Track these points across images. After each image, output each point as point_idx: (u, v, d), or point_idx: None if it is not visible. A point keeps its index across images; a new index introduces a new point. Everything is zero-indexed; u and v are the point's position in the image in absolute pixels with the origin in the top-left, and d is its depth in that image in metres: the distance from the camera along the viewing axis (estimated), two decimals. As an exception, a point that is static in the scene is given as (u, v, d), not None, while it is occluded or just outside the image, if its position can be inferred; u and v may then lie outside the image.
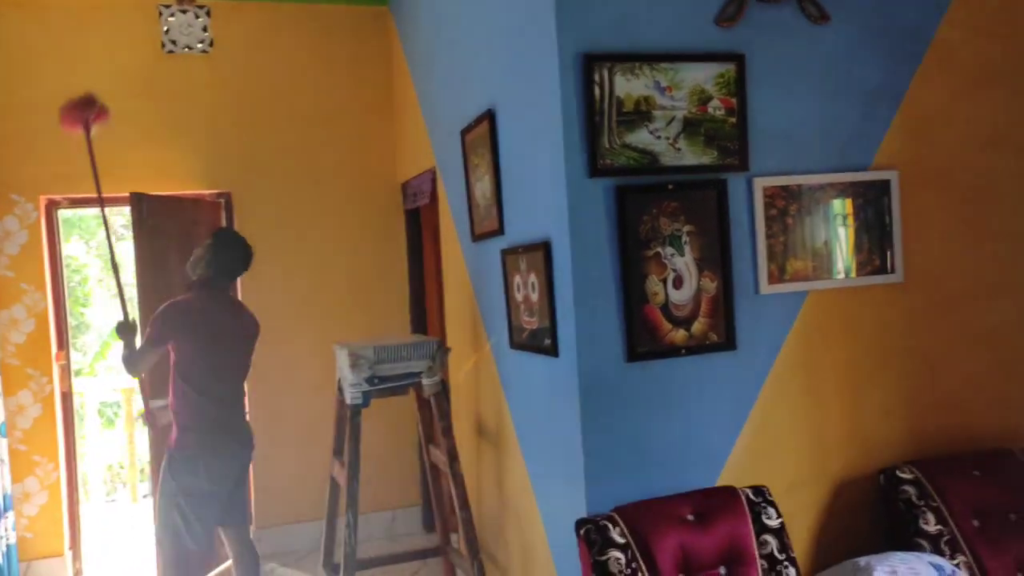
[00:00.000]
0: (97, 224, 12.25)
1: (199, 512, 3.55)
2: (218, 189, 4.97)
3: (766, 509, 2.52)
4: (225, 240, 3.69)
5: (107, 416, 9.17)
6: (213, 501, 3.58)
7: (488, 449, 3.72)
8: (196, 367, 3.53)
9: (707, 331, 2.73)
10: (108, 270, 4.91)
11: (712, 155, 2.73)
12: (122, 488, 7.79)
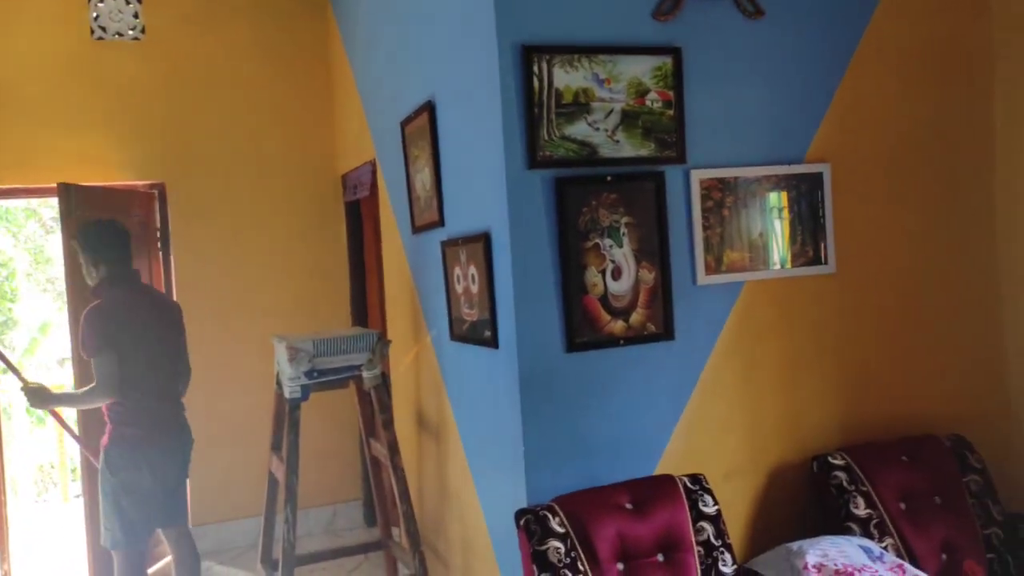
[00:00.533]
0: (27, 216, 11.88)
1: (143, 511, 3.43)
2: (151, 180, 4.85)
3: (703, 497, 2.56)
4: (92, 233, 3.48)
5: (37, 415, 8.90)
6: (155, 498, 3.45)
7: (429, 441, 3.70)
8: (129, 365, 3.37)
9: (645, 322, 2.76)
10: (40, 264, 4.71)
11: (650, 147, 2.75)
12: (53, 488, 7.58)
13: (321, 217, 5.13)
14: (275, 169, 5.05)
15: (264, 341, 4.01)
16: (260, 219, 5.01)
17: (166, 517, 3.56)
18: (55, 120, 4.61)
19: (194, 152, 4.88)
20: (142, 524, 3.44)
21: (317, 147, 5.13)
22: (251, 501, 4.62)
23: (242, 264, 4.97)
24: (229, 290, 4.92)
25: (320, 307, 5.07)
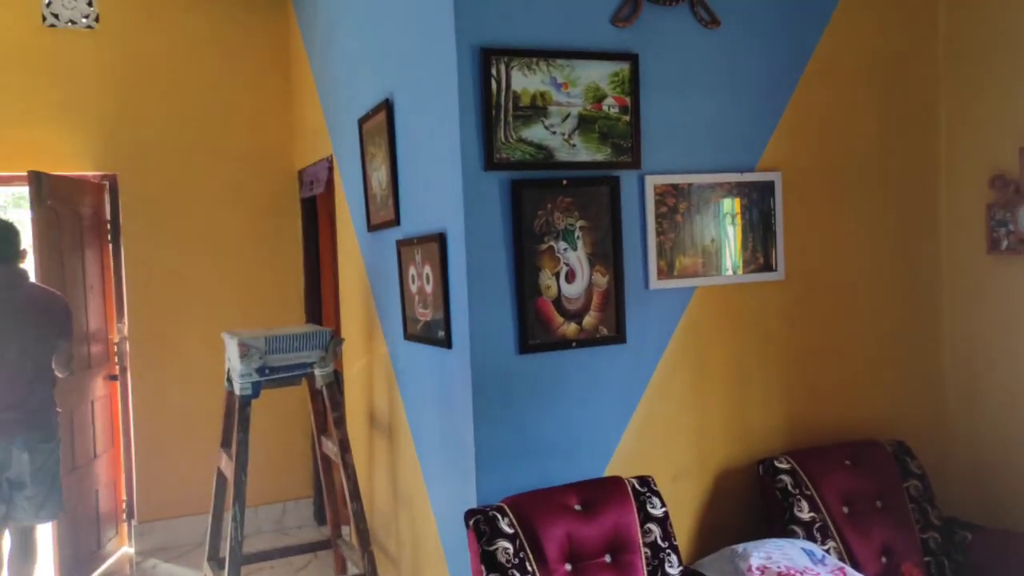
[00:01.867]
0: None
1: None
2: (104, 171, 4.76)
3: (651, 499, 2.59)
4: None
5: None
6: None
7: (381, 440, 3.69)
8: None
9: (598, 324, 2.79)
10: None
11: (606, 152, 2.78)
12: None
13: (276, 213, 5.09)
14: (230, 163, 4.99)
15: (215, 336, 3.96)
16: (213, 213, 4.95)
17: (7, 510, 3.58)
18: (4, 108, 4.50)
19: (147, 144, 4.80)
20: None
21: (273, 142, 5.08)
22: (199, 499, 4.55)
23: (194, 258, 4.90)
24: (180, 283, 4.85)
25: (273, 303, 5.02)
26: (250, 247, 5.03)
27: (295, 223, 5.11)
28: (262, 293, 5.02)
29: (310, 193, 4.79)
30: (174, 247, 4.83)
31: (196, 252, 4.90)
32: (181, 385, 4.81)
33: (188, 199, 4.88)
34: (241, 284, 4.99)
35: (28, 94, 4.59)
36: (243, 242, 5.01)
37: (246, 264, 5.01)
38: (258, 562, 4.09)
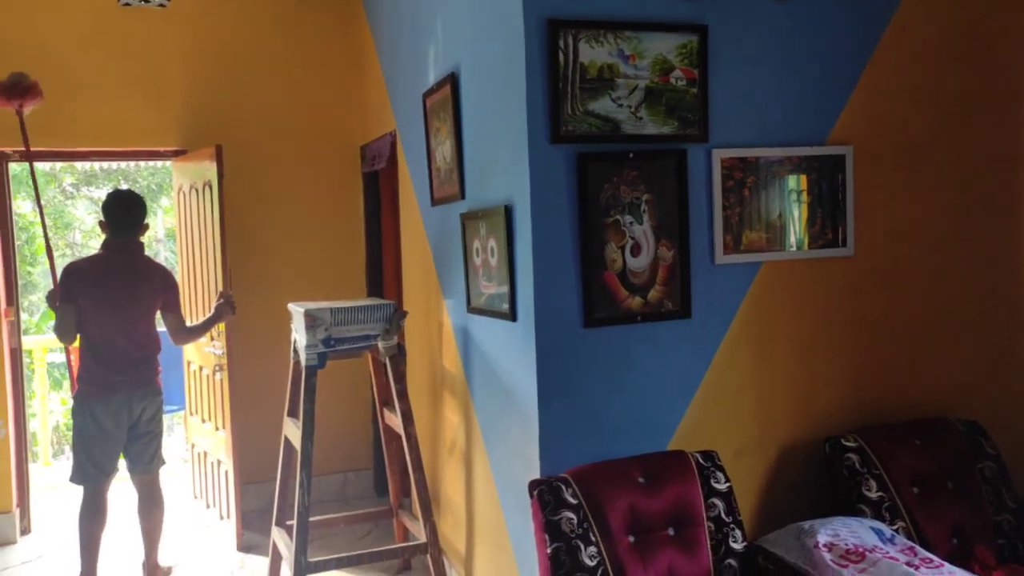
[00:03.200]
0: (48, 182, 11.95)
1: (93, 454, 3.78)
2: (173, 147, 4.88)
3: (715, 473, 2.58)
4: (109, 199, 3.91)
5: (55, 377, 9.02)
6: (106, 446, 3.79)
7: (443, 412, 3.74)
8: (89, 321, 3.77)
9: (663, 299, 2.78)
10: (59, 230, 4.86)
11: (673, 125, 2.75)
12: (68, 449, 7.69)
13: (339, 188, 5.15)
14: (294, 140, 5.06)
15: (280, 308, 4.05)
16: (278, 188, 5.03)
17: (113, 465, 3.87)
18: (85, 86, 4.63)
19: (214, 121, 4.88)
20: (92, 466, 3.80)
21: (337, 117, 5.14)
22: (263, 466, 4.66)
23: (259, 232, 4.99)
24: (246, 256, 4.93)
25: (335, 278, 5.10)
26: (313, 222, 5.10)
27: (357, 198, 5.17)
28: (325, 267, 5.10)
29: (372, 168, 4.85)
30: (238, 221, 4.90)
31: (261, 227, 4.99)
32: (246, 356, 4.89)
33: (254, 175, 4.96)
34: (305, 258, 5.08)
35: (107, 72, 4.71)
36: (306, 217, 5.09)
37: (309, 238, 5.09)
38: (322, 529, 4.19)
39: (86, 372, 3.79)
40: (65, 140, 4.64)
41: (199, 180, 4.63)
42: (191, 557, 4.35)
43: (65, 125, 4.60)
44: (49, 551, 4.52)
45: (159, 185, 13.68)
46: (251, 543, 4.47)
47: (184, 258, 5.02)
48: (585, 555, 2.35)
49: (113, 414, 3.79)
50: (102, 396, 3.77)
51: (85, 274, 3.80)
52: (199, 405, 4.97)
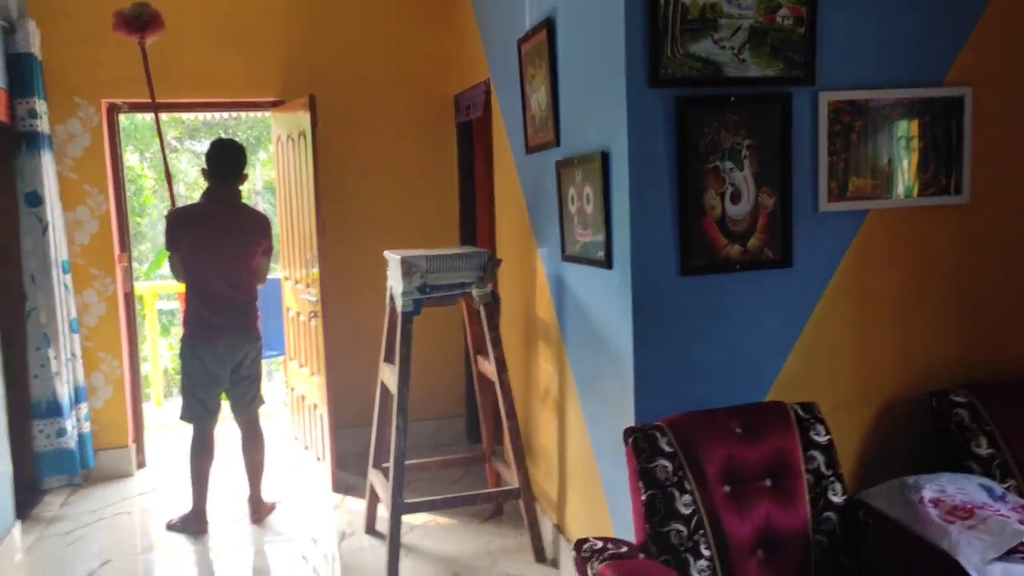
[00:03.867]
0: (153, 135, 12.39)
1: (200, 394, 4.00)
2: (271, 97, 4.97)
3: (815, 425, 2.52)
4: (212, 148, 4.04)
5: (163, 323, 9.46)
6: (212, 387, 4.01)
7: (535, 359, 3.77)
8: (193, 267, 3.93)
9: (762, 247, 2.71)
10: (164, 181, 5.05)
11: (777, 67, 2.65)
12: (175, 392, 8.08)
13: (433, 138, 5.18)
14: (387, 89, 5.09)
15: (375, 255, 4.13)
16: (371, 138, 5.09)
17: (218, 405, 4.09)
18: (185, 39, 4.75)
19: (310, 71, 4.94)
20: (200, 406, 4.02)
21: (431, 67, 5.14)
22: (358, 410, 4.80)
23: (356, 181, 5.06)
24: (342, 204, 5.01)
25: (429, 226, 5.15)
26: (407, 171, 5.15)
27: (451, 147, 5.19)
28: (418, 216, 5.15)
29: (466, 118, 4.85)
30: (336, 170, 4.98)
31: (355, 176, 5.06)
32: (341, 303, 5.00)
33: (349, 125, 5.03)
34: (398, 207, 5.13)
35: (210, 25, 4.82)
36: (401, 167, 5.14)
37: (403, 188, 5.15)
38: (416, 472, 4.30)
39: (194, 317, 3.97)
40: (172, 91, 4.79)
41: (295, 130, 4.72)
42: (292, 495, 4.54)
43: (171, 77, 4.73)
44: (162, 484, 4.79)
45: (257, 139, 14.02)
46: (346, 484, 4.62)
47: (282, 206, 5.16)
48: (680, 503, 2.34)
49: (219, 357, 3.97)
50: (209, 340, 3.95)
51: (188, 222, 3.97)
52: (296, 350, 5.13)
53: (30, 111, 4.22)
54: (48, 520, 4.26)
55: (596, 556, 2.26)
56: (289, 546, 3.97)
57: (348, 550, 3.84)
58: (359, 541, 3.93)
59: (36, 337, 4.25)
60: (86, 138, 4.66)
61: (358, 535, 3.99)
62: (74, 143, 4.66)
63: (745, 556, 2.36)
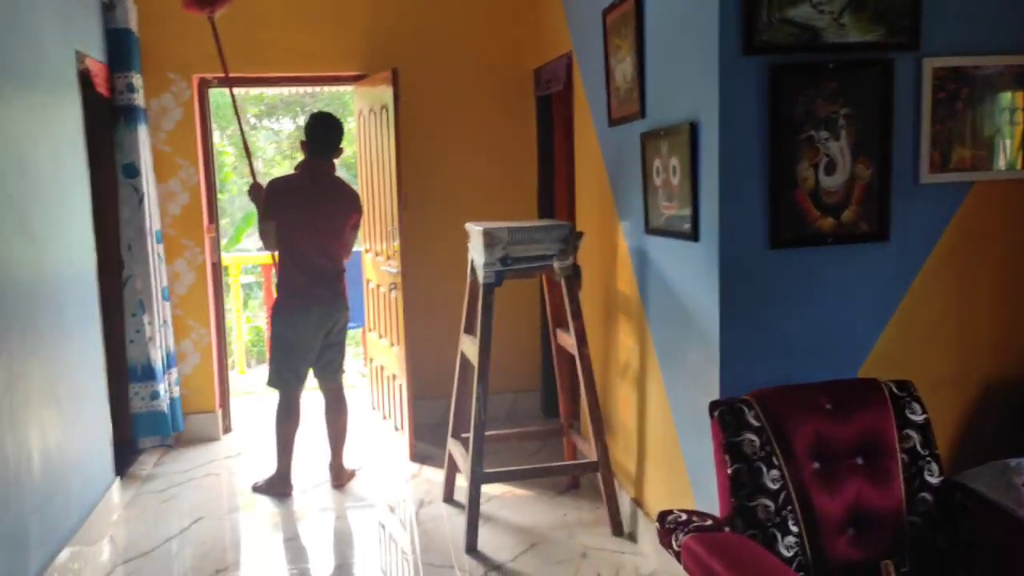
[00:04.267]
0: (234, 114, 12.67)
1: (291, 361, 4.11)
2: (353, 71, 5.03)
3: (910, 404, 2.44)
4: (311, 120, 4.14)
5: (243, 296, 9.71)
6: (303, 354, 4.12)
7: (615, 334, 3.74)
8: (290, 236, 4.03)
9: (857, 220, 2.63)
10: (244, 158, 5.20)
11: (879, 32, 2.56)
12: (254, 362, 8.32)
13: (513, 111, 5.16)
14: (468, 62, 5.09)
15: (455, 228, 4.15)
16: (452, 112, 5.10)
17: (306, 372, 4.20)
18: (269, 14, 4.84)
19: (392, 45, 4.97)
20: (289, 372, 4.13)
21: (510, 41, 5.12)
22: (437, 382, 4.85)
23: (436, 154, 5.09)
24: (423, 177, 5.05)
25: (507, 200, 5.14)
26: (487, 145, 5.15)
27: (530, 121, 5.17)
28: (497, 190, 5.16)
29: (547, 91, 4.82)
30: (417, 144, 5.01)
31: (435, 149, 5.09)
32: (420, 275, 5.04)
33: (430, 98, 5.05)
34: (476, 180, 5.14)
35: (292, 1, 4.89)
36: (480, 140, 5.15)
37: (482, 161, 5.15)
38: (493, 444, 4.33)
39: (289, 285, 4.08)
40: (257, 66, 4.89)
41: (377, 104, 4.77)
42: (371, 464, 4.63)
43: (256, 52, 4.84)
44: (247, 448, 4.94)
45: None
46: (423, 454, 4.69)
47: (363, 179, 5.22)
48: (767, 478, 2.30)
49: (313, 325, 4.09)
50: (304, 307, 4.07)
51: (289, 190, 4.10)
52: (376, 321, 5.21)
53: (128, 85, 4.36)
54: (143, 478, 4.45)
55: (681, 528, 2.24)
56: (368, 512, 4.06)
57: (426, 518, 3.91)
58: (437, 509, 3.99)
59: (132, 304, 4.41)
60: (178, 112, 4.80)
61: (436, 503, 4.05)
62: (167, 117, 4.80)
63: (835, 534, 2.31)
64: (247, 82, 5.11)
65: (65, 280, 3.42)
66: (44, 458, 3.06)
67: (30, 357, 2.99)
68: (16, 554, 2.79)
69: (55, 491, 3.16)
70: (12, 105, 2.99)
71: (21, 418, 2.88)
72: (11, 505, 2.77)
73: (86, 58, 3.91)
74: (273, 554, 3.67)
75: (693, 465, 2.93)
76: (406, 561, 3.54)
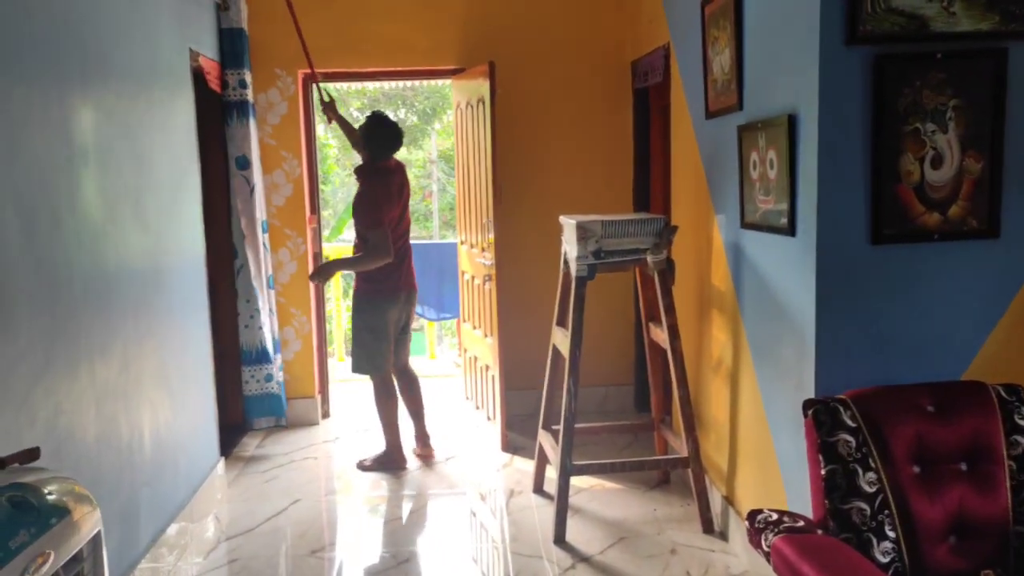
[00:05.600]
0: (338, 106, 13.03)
1: (384, 346, 4.33)
2: (450, 65, 5.10)
3: (1020, 409, 2.34)
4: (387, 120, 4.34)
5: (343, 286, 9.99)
6: (393, 336, 4.37)
7: (708, 329, 3.70)
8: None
9: (965, 216, 2.52)
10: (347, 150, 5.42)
11: (993, 20, 2.44)
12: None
13: (608, 104, 5.14)
14: (565, 55, 5.10)
15: (550, 221, 4.17)
16: (548, 105, 5.12)
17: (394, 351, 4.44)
18: (370, 9, 4.97)
19: (489, 38, 5.02)
20: (382, 357, 4.34)
21: (609, 33, 5.10)
22: (528, 374, 4.90)
23: (531, 146, 5.12)
24: (517, 169, 5.08)
25: (602, 192, 5.13)
26: (583, 138, 5.15)
27: (626, 114, 5.14)
28: (592, 182, 5.15)
29: (644, 83, 4.78)
30: (513, 137, 5.05)
31: (531, 142, 5.12)
32: (514, 266, 5.08)
33: (526, 91, 5.08)
34: (572, 173, 5.15)
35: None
36: (576, 133, 5.15)
37: (579, 154, 5.16)
38: (584, 436, 4.35)
39: (380, 274, 4.24)
40: (358, 61, 5.03)
41: (474, 97, 4.83)
42: (463, 451, 4.72)
43: (358, 47, 4.98)
44: (345, 433, 5.11)
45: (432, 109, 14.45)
46: (514, 444, 4.75)
47: (460, 172, 5.30)
48: (863, 480, 2.25)
49: (399, 309, 4.35)
50: (393, 296, 4.29)
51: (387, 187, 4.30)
52: (471, 312, 5.29)
53: (240, 81, 4.56)
54: (247, 459, 4.65)
55: (771, 528, 2.21)
56: (459, 500, 4.14)
57: (516, 507, 3.95)
58: (527, 500, 4.03)
59: (246, 290, 4.63)
60: (283, 106, 4.98)
61: (526, 494, 4.10)
62: (273, 111, 4.99)
63: (935, 541, 2.23)
64: (347, 76, 5.25)
65: (176, 268, 3.60)
66: (154, 437, 3.24)
67: (143, 341, 3.17)
68: (128, 526, 2.97)
69: (164, 469, 3.35)
70: (130, 100, 3.17)
71: (134, 399, 3.05)
72: (124, 479, 2.94)
73: (200, 56, 4.10)
74: (367, 536, 3.78)
75: (786, 464, 2.88)
76: (495, 550, 3.60)
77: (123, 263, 3.02)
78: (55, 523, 1.55)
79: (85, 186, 2.73)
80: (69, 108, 2.63)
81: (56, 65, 2.55)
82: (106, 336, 2.83)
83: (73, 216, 2.63)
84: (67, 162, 2.60)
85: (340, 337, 7.33)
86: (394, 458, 4.47)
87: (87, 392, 2.66)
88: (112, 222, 2.93)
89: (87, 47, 2.78)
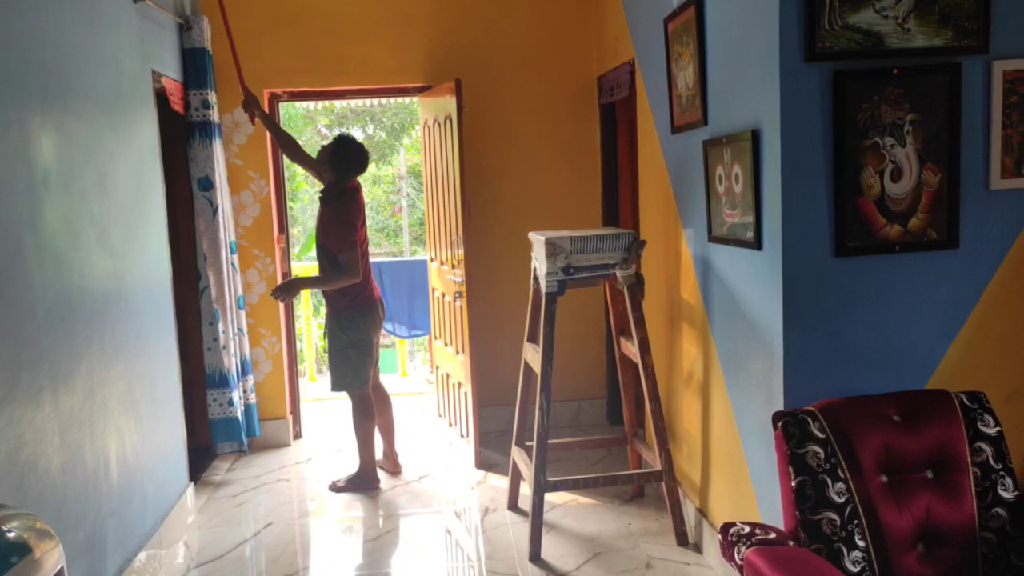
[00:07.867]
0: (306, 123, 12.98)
1: (367, 363, 4.34)
2: (417, 83, 5.11)
3: (982, 416, 2.38)
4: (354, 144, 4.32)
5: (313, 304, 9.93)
6: (373, 353, 4.40)
7: (679, 342, 3.72)
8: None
9: (925, 227, 2.57)
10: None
11: (946, 36, 2.50)
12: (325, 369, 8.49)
13: (575, 119, 5.18)
14: (531, 72, 5.12)
15: (517, 237, 4.18)
16: (515, 121, 5.14)
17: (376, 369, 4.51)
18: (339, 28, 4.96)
19: (455, 56, 5.04)
20: (365, 374, 4.34)
21: (574, 49, 5.14)
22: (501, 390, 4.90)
23: (497, 162, 5.14)
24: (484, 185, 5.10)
25: (571, 208, 5.15)
26: (551, 153, 5.17)
27: (593, 128, 5.18)
28: (561, 198, 5.17)
29: (611, 99, 4.82)
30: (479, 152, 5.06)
31: (499, 158, 5.13)
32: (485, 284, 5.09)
33: (494, 109, 5.10)
34: (540, 189, 5.16)
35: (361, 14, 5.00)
36: (544, 149, 5.17)
37: (546, 170, 5.17)
38: (557, 452, 4.35)
39: (353, 288, 4.26)
40: (326, 79, 5.01)
41: (441, 114, 4.84)
42: (437, 469, 4.69)
43: (324, 66, 4.97)
44: (318, 453, 5.06)
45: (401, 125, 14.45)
46: (488, 461, 4.73)
47: (428, 189, 5.30)
48: (832, 491, 2.27)
49: (375, 328, 4.38)
50: (371, 312, 4.35)
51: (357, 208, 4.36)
52: (442, 330, 5.27)
53: (203, 102, 4.52)
54: (216, 484, 4.59)
55: (743, 541, 2.23)
56: (434, 519, 4.12)
57: (491, 525, 3.94)
58: (502, 517, 4.02)
59: (208, 313, 4.57)
60: (249, 126, 4.95)
61: (500, 511, 4.08)
62: (239, 131, 4.96)
63: (904, 549, 2.26)
64: (316, 96, 5.24)
65: (142, 291, 3.56)
66: (121, 463, 3.19)
67: (110, 366, 3.13)
68: (95, 556, 2.91)
69: (132, 496, 3.30)
70: (92, 123, 3.14)
71: (100, 426, 3.01)
72: (90, 509, 2.89)
73: (163, 77, 4.07)
74: (341, 558, 3.75)
75: (758, 476, 2.90)
76: (471, 568, 3.58)
77: (87, 288, 2.98)
78: (16, 562, 1.53)
79: (47, 210, 2.69)
80: (29, 132, 2.60)
81: (14, 88, 2.52)
82: (71, 362, 2.79)
83: (35, 241, 2.59)
84: (27, 186, 2.57)
85: (311, 356, 7.27)
86: (367, 478, 4.44)
87: (51, 421, 2.62)
88: (75, 246, 2.89)
89: (47, 69, 2.75)
